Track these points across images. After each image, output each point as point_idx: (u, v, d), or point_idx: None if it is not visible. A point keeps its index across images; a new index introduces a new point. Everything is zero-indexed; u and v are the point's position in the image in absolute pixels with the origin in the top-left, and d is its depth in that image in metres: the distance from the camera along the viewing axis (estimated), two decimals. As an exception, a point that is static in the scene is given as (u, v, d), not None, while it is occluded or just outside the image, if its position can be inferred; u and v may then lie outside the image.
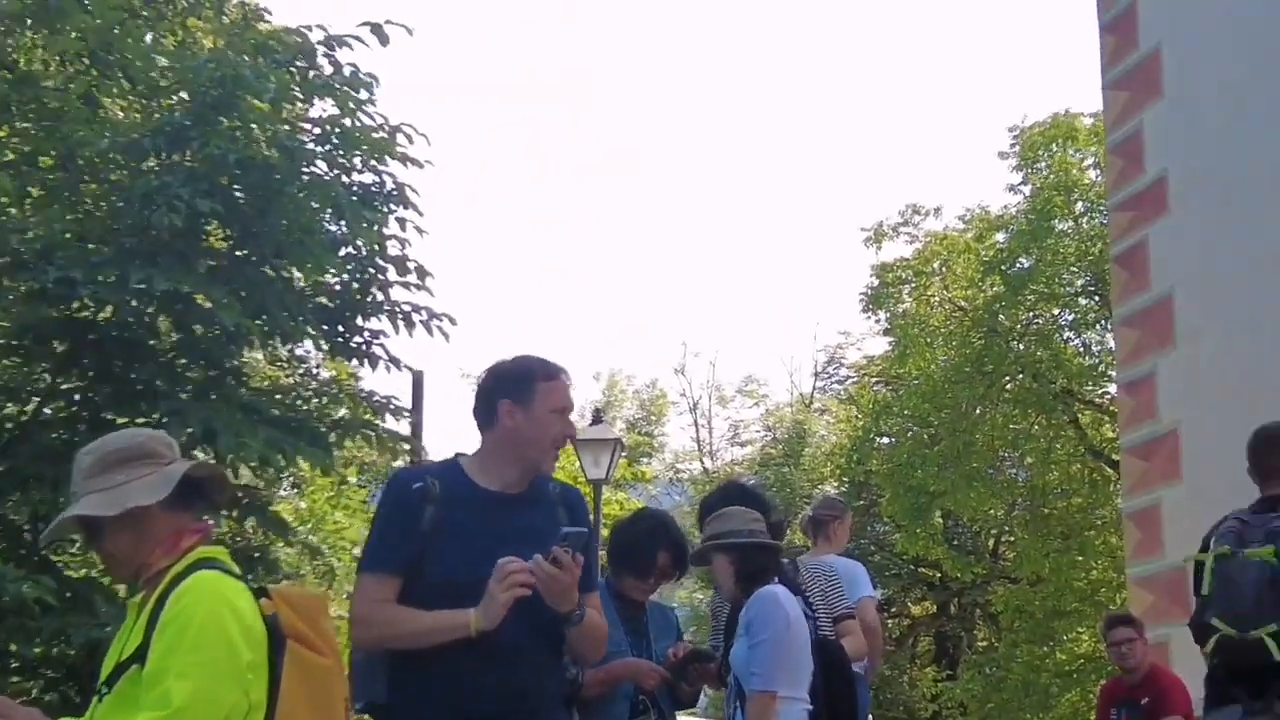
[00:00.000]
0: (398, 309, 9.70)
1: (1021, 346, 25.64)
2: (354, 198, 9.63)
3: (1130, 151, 14.87)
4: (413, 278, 9.72)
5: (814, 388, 35.57)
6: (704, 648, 6.12)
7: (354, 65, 9.84)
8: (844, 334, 34.40)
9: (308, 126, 9.87)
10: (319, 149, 9.69)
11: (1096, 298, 25.36)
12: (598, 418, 18.45)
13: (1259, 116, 13.04)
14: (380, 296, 9.76)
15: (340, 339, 10.01)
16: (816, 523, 8.62)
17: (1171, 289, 14.10)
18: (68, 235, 9.41)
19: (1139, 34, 14.79)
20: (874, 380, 30.35)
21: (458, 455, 4.42)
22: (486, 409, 4.33)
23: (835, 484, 29.42)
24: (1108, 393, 25.78)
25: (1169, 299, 14.14)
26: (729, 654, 5.66)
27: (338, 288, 10.04)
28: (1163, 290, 14.20)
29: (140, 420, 9.28)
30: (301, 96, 9.89)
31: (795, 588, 5.96)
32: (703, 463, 34.81)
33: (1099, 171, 25.58)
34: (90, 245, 9.38)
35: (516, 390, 4.30)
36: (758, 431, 35.38)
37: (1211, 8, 13.72)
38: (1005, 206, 26.86)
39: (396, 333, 9.72)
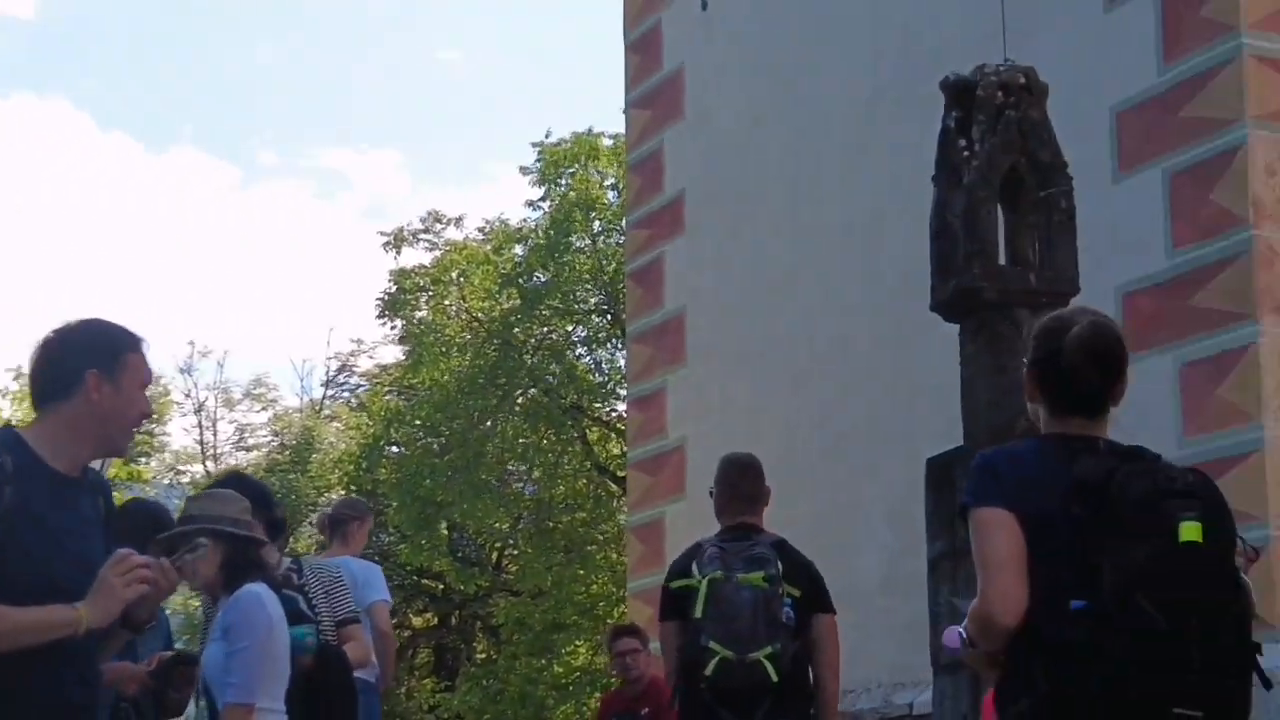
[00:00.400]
0: None
1: (535, 360, 25.79)
2: None
3: (650, 170, 15.12)
4: None
5: (325, 395, 34.96)
6: (189, 651, 5.67)
7: None
8: (357, 341, 33.77)
9: None
10: None
11: (609, 316, 25.74)
12: (92, 413, 17.39)
13: (773, 142, 13.45)
14: None
15: None
16: (335, 521, 8.24)
17: (684, 307, 14.38)
18: None
19: (663, 54, 15.06)
20: (386, 389, 30.01)
21: (9, 426, 3.94)
22: (64, 378, 3.78)
23: (343, 492, 28.82)
24: (615, 410, 26.25)
25: (681, 317, 14.42)
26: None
27: None
28: (676, 308, 14.48)
29: None
30: None
31: (286, 585, 5.60)
32: (205, 465, 33.60)
33: (617, 192, 26.06)
34: None
35: (105, 360, 3.79)
36: (265, 436, 34.45)
37: (733, 33, 14.08)
38: (525, 220, 27.06)
39: None
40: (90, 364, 3.76)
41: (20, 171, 53.43)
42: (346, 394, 34.65)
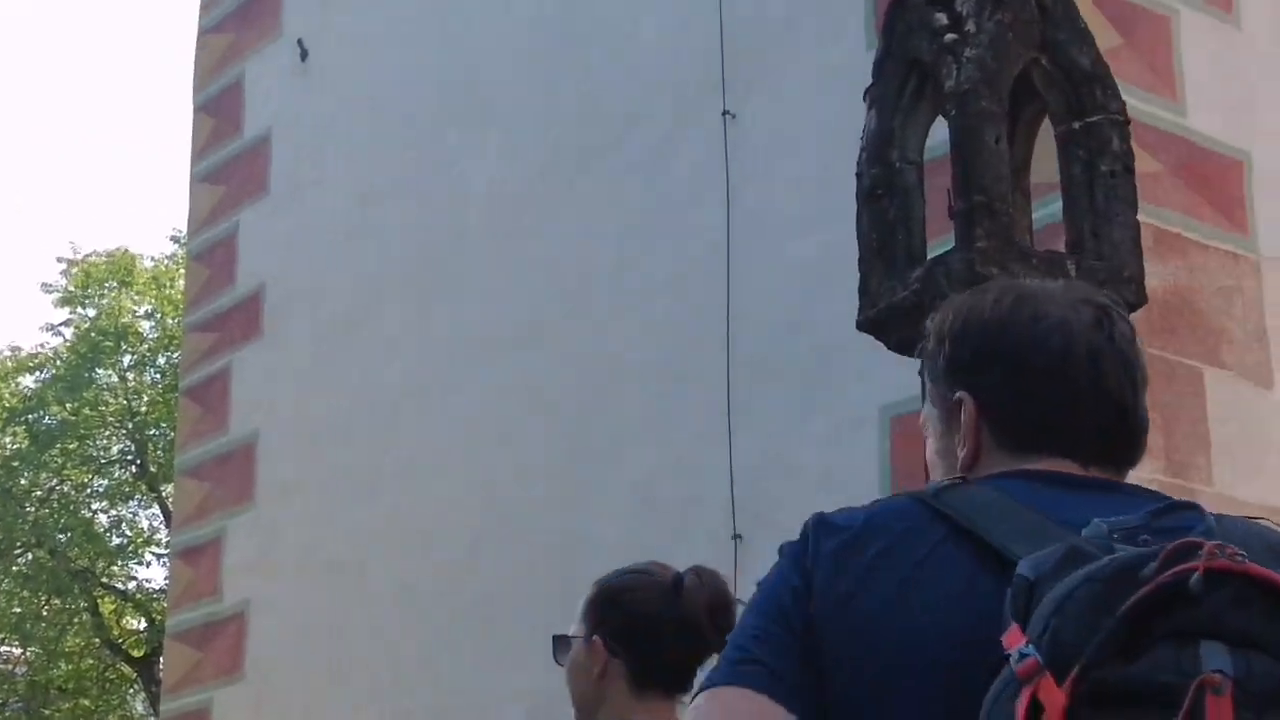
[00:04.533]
0: None
1: (41, 515, 21.84)
2: None
3: (219, 259, 11.90)
4: None
5: None
6: None
7: None
8: None
9: None
10: None
11: (136, 467, 22.21)
12: None
13: (388, 226, 10.52)
14: None
15: None
16: None
17: (255, 433, 11.15)
18: None
19: (243, 117, 11.97)
20: None
21: None
22: None
23: None
24: (135, 578, 22.77)
25: (250, 445, 11.18)
26: None
27: None
28: (244, 433, 11.22)
29: None
30: None
31: None
32: None
33: (153, 323, 22.76)
34: None
35: None
36: None
37: (342, 91, 11.15)
38: (42, 346, 23.07)
39: None
40: None
41: None
42: None
